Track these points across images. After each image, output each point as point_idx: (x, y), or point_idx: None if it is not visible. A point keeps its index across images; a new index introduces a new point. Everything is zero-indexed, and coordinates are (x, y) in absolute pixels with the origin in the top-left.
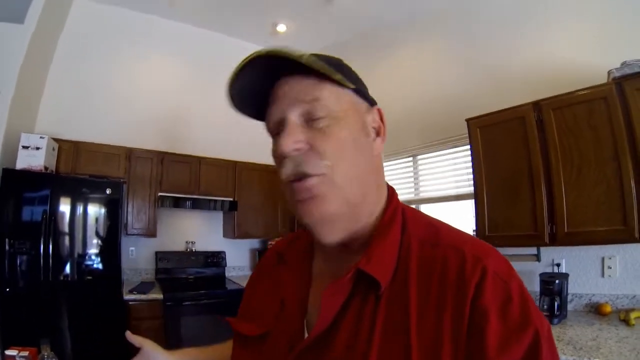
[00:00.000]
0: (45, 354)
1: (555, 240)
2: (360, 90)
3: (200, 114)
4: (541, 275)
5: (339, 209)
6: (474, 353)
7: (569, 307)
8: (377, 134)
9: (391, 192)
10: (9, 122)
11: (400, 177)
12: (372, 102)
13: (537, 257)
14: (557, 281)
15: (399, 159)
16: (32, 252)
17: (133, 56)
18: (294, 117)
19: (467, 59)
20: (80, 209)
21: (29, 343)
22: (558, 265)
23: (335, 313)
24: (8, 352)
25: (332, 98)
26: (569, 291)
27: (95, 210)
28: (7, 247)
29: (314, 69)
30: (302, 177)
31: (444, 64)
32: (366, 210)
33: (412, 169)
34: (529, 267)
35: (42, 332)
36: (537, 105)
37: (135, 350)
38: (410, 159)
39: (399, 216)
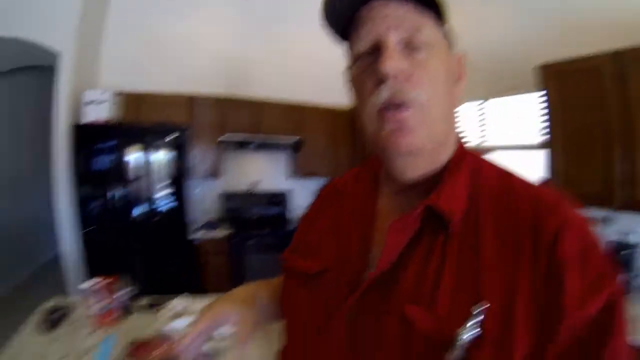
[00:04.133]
0: (121, 282)
1: (629, 206)
2: (449, 30)
3: (261, 58)
4: (608, 243)
5: (426, 144)
6: (550, 304)
7: (637, 282)
8: (458, 77)
9: (460, 138)
10: (73, 80)
11: (466, 124)
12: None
13: (606, 223)
14: (626, 252)
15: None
16: (106, 197)
17: (191, 1)
18: (395, 41)
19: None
20: (146, 155)
21: (108, 275)
22: (628, 234)
23: (401, 251)
24: (87, 284)
25: (431, 30)
26: (638, 264)
27: (161, 156)
28: (83, 194)
29: None
30: (397, 106)
31: (510, 7)
32: (445, 150)
33: (478, 116)
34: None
35: (119, 266)
36: (617, 55)
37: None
38: (477, 105)
39: (468, 161)
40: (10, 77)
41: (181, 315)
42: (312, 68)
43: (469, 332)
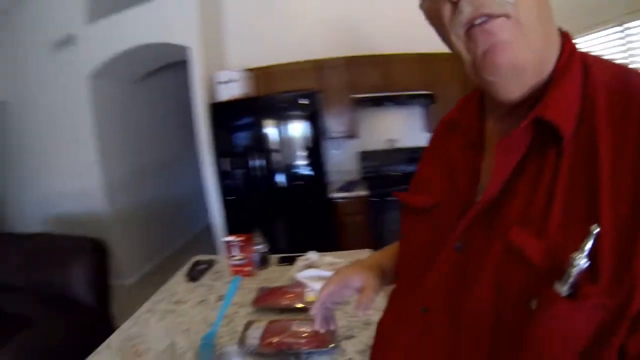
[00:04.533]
0: (258, 239)
1: None
2: None
3: (382, 12)
4: None
5: (525, 55)
6: None
7: None
8: None
9: (564, 35)
10: (205, 64)
11: (605, 52)
12: None
13: None
14: None
15: (602, 29)
16: (247, 167)
17: None
18: None
19: None
20: (282, 123)
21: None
22: None
23: (510, 172)
24: (227, 239)
25: None
26: None
27: (296, 122)
28: (225, 165)
29: None
30: (483, 20)
31: None
32: (547, 57)
33: (620, 40)
34: None
35: (258, 227)
36: None
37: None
38: (618, 28)
39: (577, 60)
40: (158, 75)
41: (313, 267)
42: None
43: (582, 260)
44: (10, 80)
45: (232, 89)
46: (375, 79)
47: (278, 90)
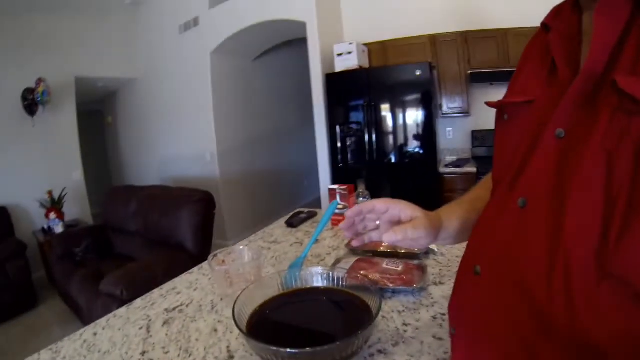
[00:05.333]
0: (361, 190)
1: None
2: None
3: None
4: None
5: None
6: None
7: None
8: None
9: None
10: (322, 39)
11: None
12: None
13: None
14: None
15: None
16: (359, 134)
17: None
18: None
19: None
20: (394, 95)
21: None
22: None
23: (615, 40)
24: (331, 187)
25: None
26: None
27: (408, 95)
28: (338, 131)
29: None
30: None
31: None
32: None
33: None
34: None
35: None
36: None
37: None
38: None
39: None
40: (273, 53)
41: None
42: None
43: None
44: (142, 61)
45: (348, 61)
46: (491, 55)
47: (393, 64)
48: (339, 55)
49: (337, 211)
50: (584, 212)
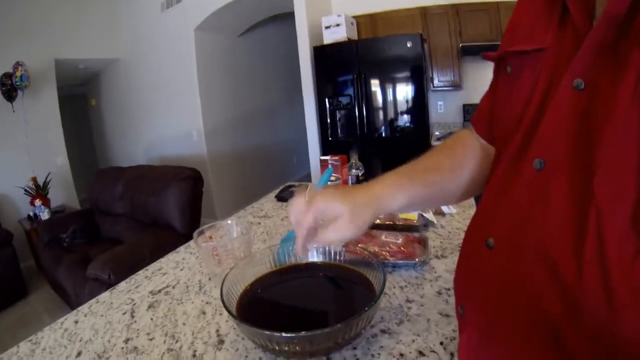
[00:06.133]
0: (354, 161)
1: None
2: None
3: None
4: None
5: None
6: None
7: None
8: None
9: None
10: (309, 10)
11: None
12: None
13: None
14: None
15: None
16: (349, 108)
17: None
18: None
19: None
20: (385, 68)
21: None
22: None
23: None
24: (323, 157)
25: None
26: None
27: (399, 68)
28: (327, 105)
29: None
30: None
31: None
32: None
33: None
34: None
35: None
36: None
37: None
38: None
39: None
40: (259, 29)
41: None
42: None
43: None
44: (124, 41)
45: (336, 34)
46: (483, 28)
47: (383, 36)
48: (327, 27)
49: (329, 183)
50: (616, 170)
